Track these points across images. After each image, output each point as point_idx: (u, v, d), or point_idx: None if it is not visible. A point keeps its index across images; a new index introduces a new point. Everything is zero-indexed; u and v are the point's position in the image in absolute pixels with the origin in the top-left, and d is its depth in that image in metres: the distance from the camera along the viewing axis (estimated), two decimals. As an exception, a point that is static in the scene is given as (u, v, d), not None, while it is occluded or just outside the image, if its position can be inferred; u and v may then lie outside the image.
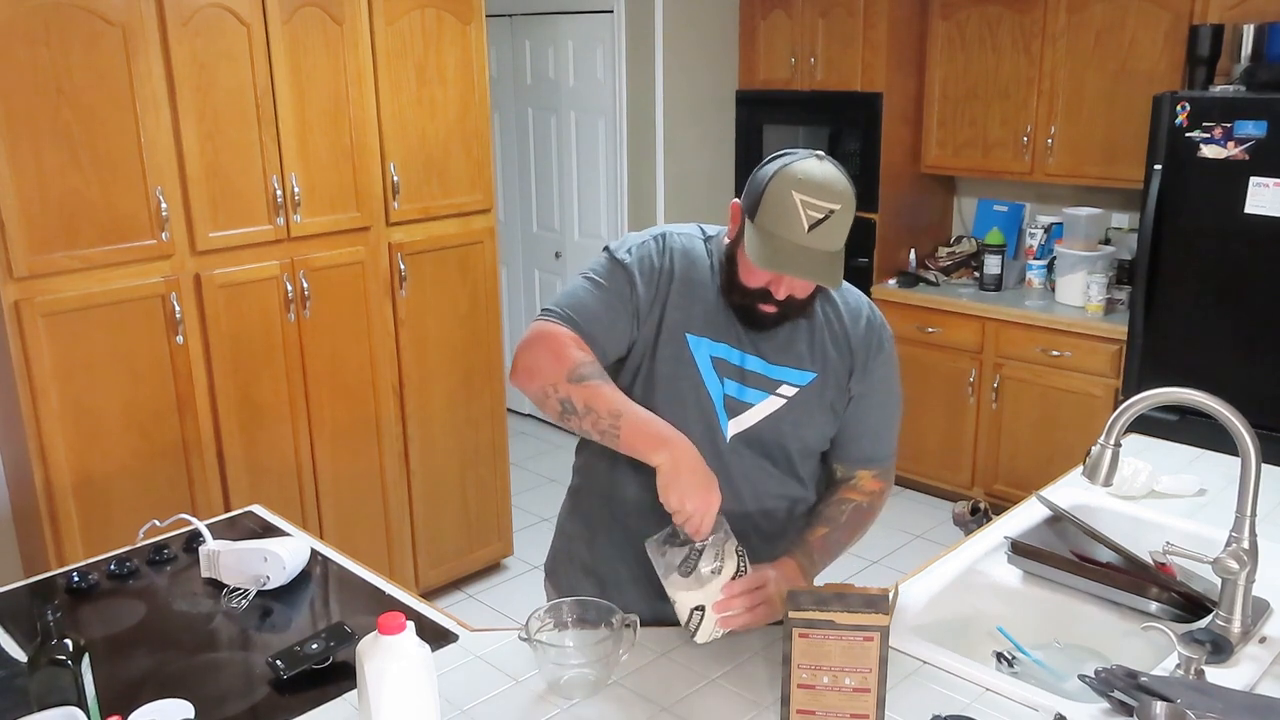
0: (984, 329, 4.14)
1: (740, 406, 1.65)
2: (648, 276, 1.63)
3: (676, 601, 1.56)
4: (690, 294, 1.64)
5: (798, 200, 1.49)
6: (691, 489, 1.47)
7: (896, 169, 4.44)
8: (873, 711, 1.40)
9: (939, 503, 4.40)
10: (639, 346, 1.65)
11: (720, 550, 1.54)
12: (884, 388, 1.72)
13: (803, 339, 1.66)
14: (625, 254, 1.65)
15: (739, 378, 1.64)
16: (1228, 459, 2.23)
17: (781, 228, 1.50)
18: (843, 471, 1.77)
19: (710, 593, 1.53)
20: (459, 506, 3.64)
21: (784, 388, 1.65)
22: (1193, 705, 1.36)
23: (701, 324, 1.64)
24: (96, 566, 1.96)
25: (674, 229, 1.70)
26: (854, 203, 1.54)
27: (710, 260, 1.67)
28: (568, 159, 5.00)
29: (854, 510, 1.74)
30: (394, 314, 3.33)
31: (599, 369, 1.57)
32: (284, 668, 1.58)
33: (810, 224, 1.49)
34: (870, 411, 1.72)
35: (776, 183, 1.52)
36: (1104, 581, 1.78)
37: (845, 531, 1.73)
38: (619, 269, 1.64)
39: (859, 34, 4.30)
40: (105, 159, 2.65)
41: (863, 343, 1.69)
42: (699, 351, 1.63)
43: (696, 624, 1.55)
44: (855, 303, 1.72)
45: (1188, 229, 3.44)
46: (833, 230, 1.50)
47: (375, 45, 3.11)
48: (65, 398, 2.68)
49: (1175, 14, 3.68)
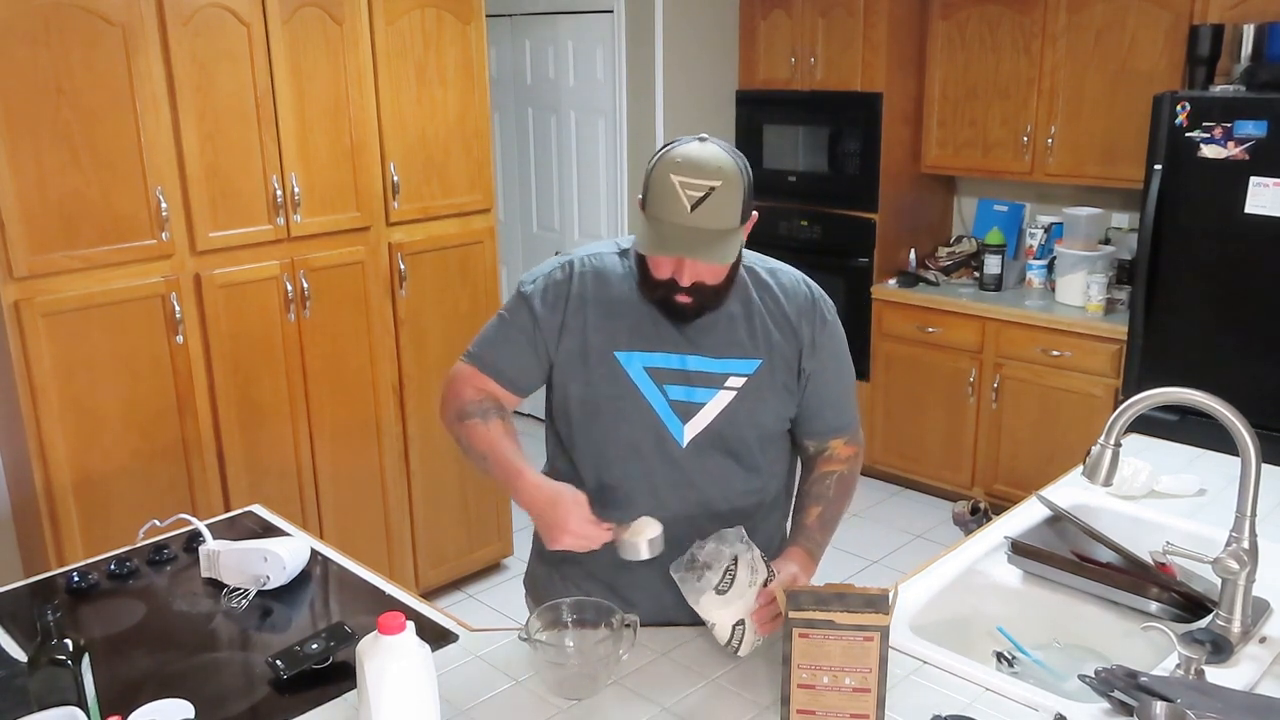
0: (984, 329, 4.14)
1: (692, 409, 1.66)
2: (551, 304, 1.67)
3: (716, 624, 1.57)
4: (611, 312, 1.66)
5: (676, 182, 1.51)
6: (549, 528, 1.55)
7: (896, 169, 4.44)
8: (873, 711, 1.40)
9: (939, 503, 4.40)
10: (565, 374, 1.68)
11: (751, 563, 1.56)
12: (836, 358, 1.75)
13: (741, 328, 1.68)
14: (529, 286, 1.71)
15: (683, 380, 1.65)
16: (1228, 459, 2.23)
17: (666, 212, 1.52)
18: (815, 446, 1.79)
19: (748, 605, 1.55)
20: (459, 506, 3.64)
21: (731, 379, 1.66)
22: (1193, 705, 1.36)
23: (629, 339, 1.65)
24: (96, 566, 1.96)
25: (582, 252, 1.73)
26: (739, 178, 1.55)
27: (627, 272, 1.68)
28: (568, 159, 5.00)
29: (838, 480, 1.78)
30: (394, 314, 3.33)
31: (485, 406, 1.68)
32: (284, 668, 1.58)
33: (691, 204, 1.50)
34: (828, 383, 1.74)
35: (657, 169, 1.54)
36: (1104, 581, 1.78)
37: (836, 504, 1.77)
38: (521, 302, 1.71)
39: (859, 34, 4.30)
40: (105, 159, 2.65)
41: (807, 320, 1.71)
42: (631, 366, 1.65)
43: (740, 638, 1.57)
44: (790, 282, 1.74)
45: (1188, 229, 3.44)
46: (716, 207, 1.52)
47: (375, 45, 3.11)
48: (65, 397, 2.68)
49: (1175, 14, 3.68)
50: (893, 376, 4.47)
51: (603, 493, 1.68)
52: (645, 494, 1.67)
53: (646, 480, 1.67)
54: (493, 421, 1.68)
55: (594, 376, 1.65)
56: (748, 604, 1.55)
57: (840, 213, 4.51)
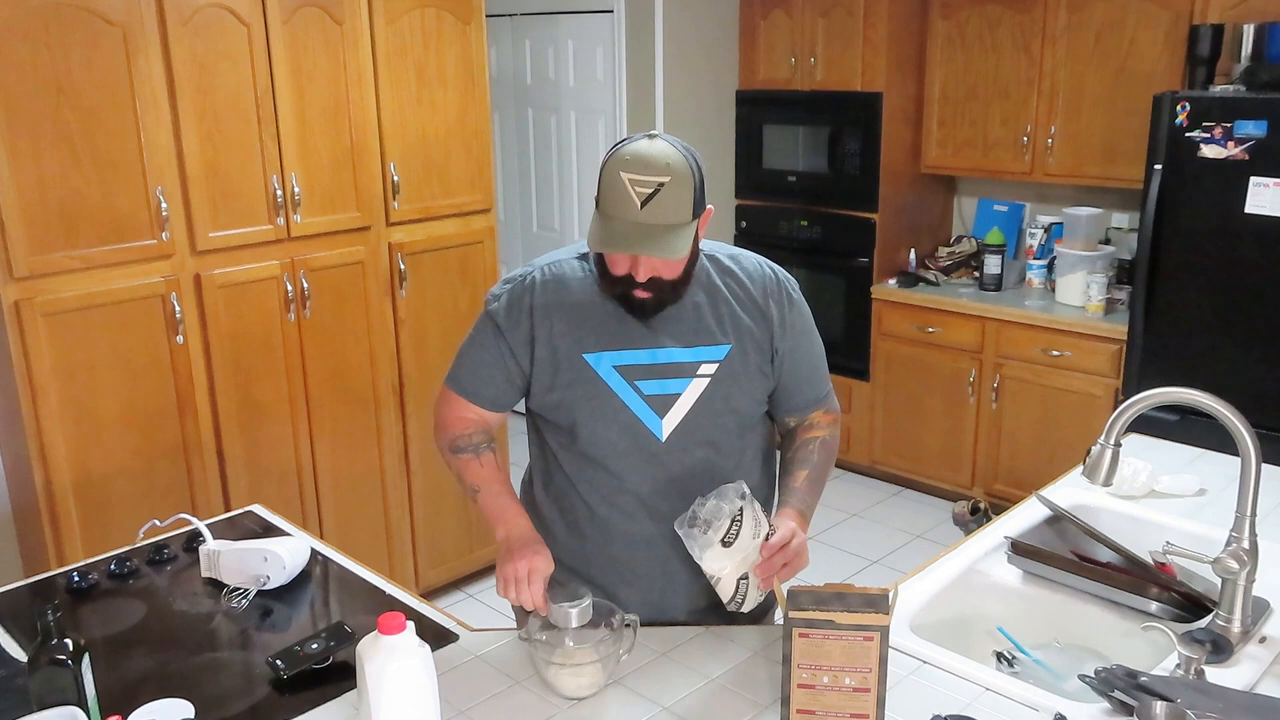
0: (984, 329, 4.15)
1: (668, 401, 1.67)
2: (515, 318, 1.69)
3: (721, 578, 1.59)
4: (575, 316, 1.68)
5: (625, 180, 1.52)
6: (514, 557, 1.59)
7: (896, 169, 4.44)
8: (873, 711, 1.40)
9: (939, 503, 4.41)
10: (539, 383, 1.69)
11: (755, 516, 1.58)
12: (806, 334, 1.79)
13: (708, 314, 1.69)
14: (493, 303, 1.74)
15: (655, 374, 1.67)
16: (1228, 459, 2.24)
17: (617, 209, 1.54)
18: (796, 420, 1.82)
19: (752, 559, 1.57)
20: (459, 506, 3.64)
21: (703, 367, 1.68)
22: (1193, 705, 1.36)
23: (595, 340, 1.67)
24: (96, 566, 1.97)
25: (542, 261, 1.75)
26: (689, 174, 1.56)
27: (587, 275, 1.70)
28: (568, 159, 5.00)
29: (820, 445, 1.80)
30: (394, 314, 3.33)
31: (476, 441, 1.74)
32: (284, 667, 1.58)
33: (641, 200, 1.52)
34: (802, 360, 1.77)
35: (608, 167, 1.56)
36: (1104, 581, 1.78)
37: (821, 467, 1.79)
38: (486, 321, 1.73)
39: (859, 34, 4.31)
40: (105, 159, 2.65)
41: (774, 300, 1.74)
42: (600, 367, 1.66)
43: (744, 593, 1.59)
44: (753, 267, 1.77)
45: (1188, 229, 3.44)
46: (665, 203, 1.53)
47: (375, 45, 3.11)
48: (65, 397, 2.68)
49: (1175, 14, 3.68)
50: (893, 376, 4.47)
51: (585, 493, 1.71)
52: (626, 492, 1.68)
53: (627, 478, 1.68)
54: (484, 456, 1.74)
55: (565, 381, 1.67)
56: (751, 557, 1.57)
57: (840, 213, 4.52)
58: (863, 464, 4.63)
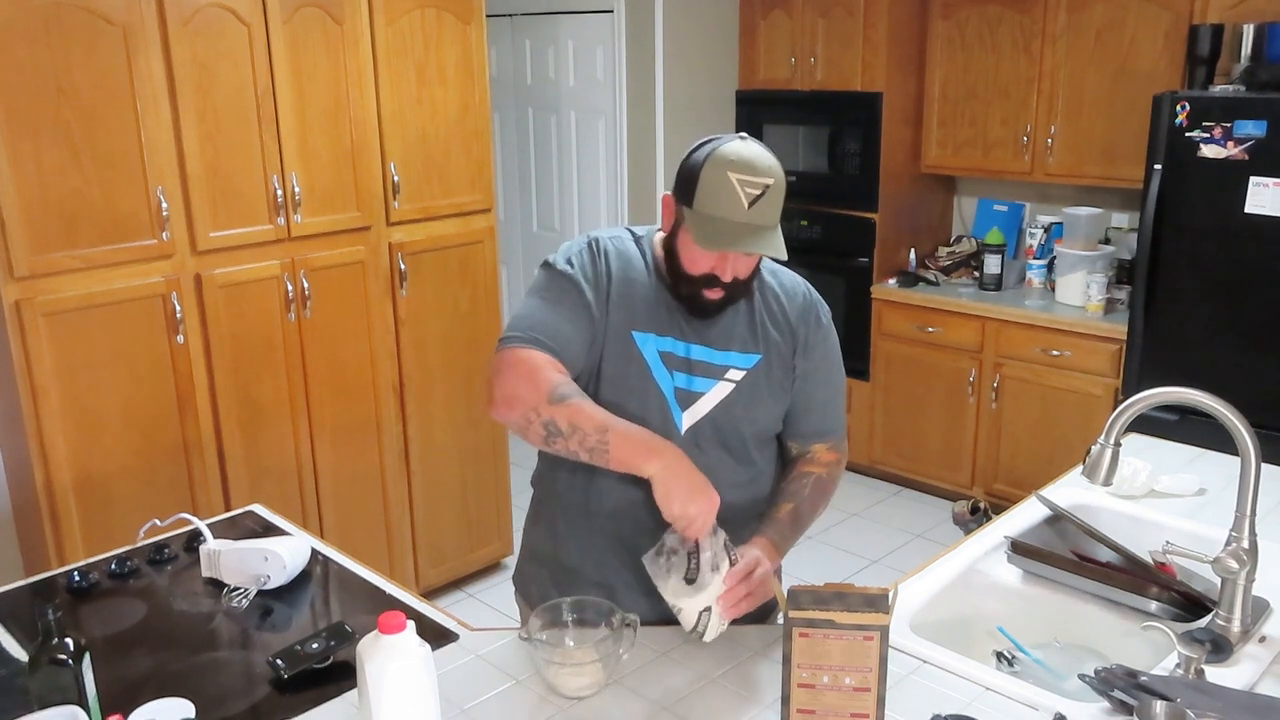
0: (984, 329, 4.15)
1: (691, 397, 1.67)
2: (592, 282, 1.66)
3: (683, 610, 1.56)
4: (630, 293, 1.67)
5: (734, 180, 1.54)
6: (690, 494, 1.50)
7: (896, 169, 4.44)
8: (873, 711, 1.40)
9: (939, 502, 4.41)
10: (595, 350, 1.67)
11: (715, 548, 1.55)
12: (827, 362, 1.77)
13: (743, 322, 1.70)
14: (566, 265, 1.67)
15: (686, 369, 1.67)
16: (1228, 459, 2.23)
17: (722, 209, 1.54)
18: (798, 448, 1.80)
19: (714, 592, 1.54)
20: (459, 506, 3.64)
21: (731, 372, 1.68)
22: (1193, 705, 1.36)
23: (645, 320, 1.66)
24: (97, 566, 1.97)
25: (602, 233, 1.74)
26: (784, 177, 1.59)
27: (645, 258, 1.70)
28: (568, 159, 5.00)
29: (814, 483, 1.78)
30: (394, 314, 3.33)
31: (576, 387, 1.58)
32: (284, 667, 1.58)
33: (749, 201, 1.54)
34: (817, 386, 1.76)
35: (710, 167, 1.56)
36: (1104, 581, 1.78)
37: (809, 504, 1.77)
38: (565, 280, 1.65)
39: (859, 34, 4.31)
40: (106, 159, 2.65)
41: (802, 320, 1.73)
42: (646, 348, 1.66)
43: (705, 624, 1.56)
44: (791, 283, 1.77)
45: (1188, 229, 3.44)
46: (770, 205, 1.56)
47: (375, 45, 3.11)
48: (66, 397, 2.68)
49: (1175, 14, 3.68)
50: (892, 376, 4.47)
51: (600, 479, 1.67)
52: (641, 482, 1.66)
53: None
54: (591, 402, 1.58)
55: (611, 353, 1.66)
56: (714, 590, 1.54)
57: (840, 212, 4.52)
58: (863, 464, 4.63)
